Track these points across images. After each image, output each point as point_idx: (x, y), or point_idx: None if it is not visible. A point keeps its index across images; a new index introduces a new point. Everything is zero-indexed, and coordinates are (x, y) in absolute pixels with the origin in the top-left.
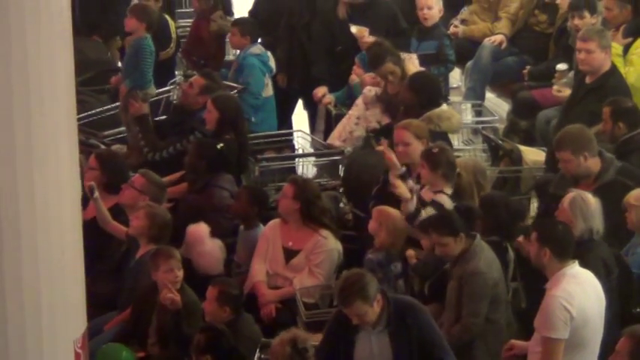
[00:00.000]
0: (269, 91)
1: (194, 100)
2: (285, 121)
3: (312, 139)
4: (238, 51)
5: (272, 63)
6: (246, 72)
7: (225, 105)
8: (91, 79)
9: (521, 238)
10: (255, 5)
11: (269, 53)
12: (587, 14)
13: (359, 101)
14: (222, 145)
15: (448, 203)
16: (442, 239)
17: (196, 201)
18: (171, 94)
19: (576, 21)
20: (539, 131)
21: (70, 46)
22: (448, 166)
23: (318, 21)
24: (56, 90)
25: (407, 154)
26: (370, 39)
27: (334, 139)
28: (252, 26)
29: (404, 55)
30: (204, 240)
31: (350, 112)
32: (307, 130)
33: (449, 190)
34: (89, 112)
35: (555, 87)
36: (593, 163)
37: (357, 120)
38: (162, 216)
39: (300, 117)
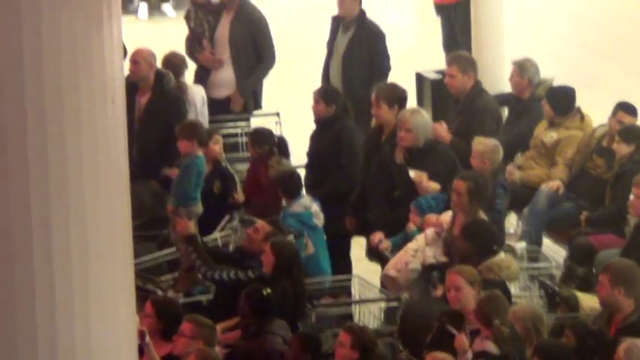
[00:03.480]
0: (310, 249)
1: (258, 246)
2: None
3: (369, 284)
4: None
5: (317, 219)
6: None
7: (283, 250)
8: (144, 225)
9: None
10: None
11: (313, 209)
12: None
13: (419, 236)
14: (268, 291)
15: (495, 351)
16: None
17: (249, 347)
18: (228, 239)
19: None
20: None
21: (127, 191)
22: (499, 314)
23: (375, 165)
24: (113, 235)
25: (458, 300)
26: (429, 184)
27: (389, 268)
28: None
29: None
30: None
31: (409, 244)
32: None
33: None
34: (146, 258)
35: None
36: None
37: (415, 252)
38: (213, 358)
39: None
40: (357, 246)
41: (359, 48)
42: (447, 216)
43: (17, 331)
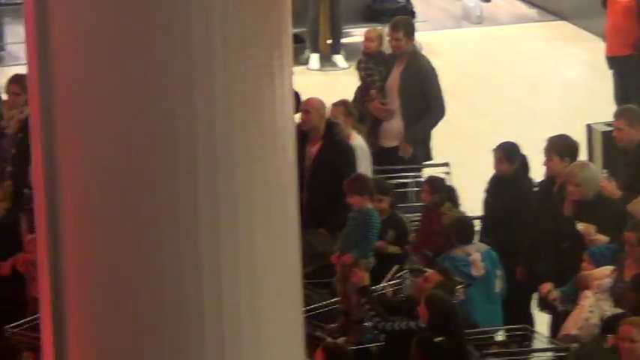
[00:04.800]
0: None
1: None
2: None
3: (539, 334)
4: None
5: (474, 268)
6: None
7: (436, 305)
8: (314, 272)
9: None
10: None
11: (472, 257)
12: None
13: (588, 293)
14: (440, 339)
15: None
16: None
17: None
18: (400, 286)
19: None
20: None
21: (297, 238)
22: None
23: (545, 217)
24: (283, 281)
25: (631, 351)
26: (597, 237)
27: (570, 328)
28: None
29: None
30: None
31: (581, 302)
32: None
33: None
34: (315, 305)
35: None
36: None
37: (591, 308)
38: None
39: None
40: None
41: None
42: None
43: None
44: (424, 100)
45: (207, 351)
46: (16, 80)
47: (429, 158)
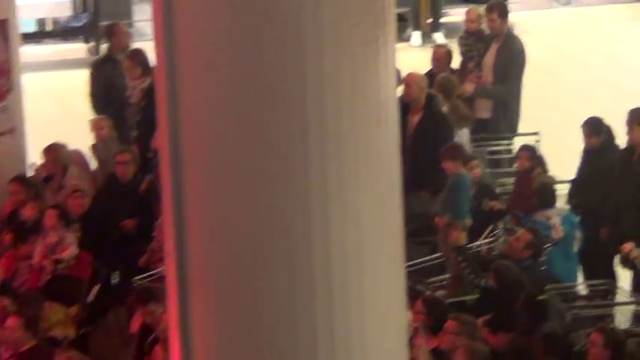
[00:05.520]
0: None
1: (520, 254)
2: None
3: (621, 289)
4: None
5: (554, 231)
6: None
7: (502, 274)
8: (414, 231)
9: None
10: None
11: (552, 221)
12: None
13: None
14: (544, 297)
15: None
16: None
17: (521, 343)
18: (492, 245)
19: None
20: None
21: (399, 200)
22: None
23: (626, 183)
24: (387, 238)
25: None
26: None
27: None
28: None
29: None
30: None
31: None
32: None
33: None
34: (416, 261)
35: None
36: None
37: None
38: (481, 352)
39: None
40: None
41: None
42: None
43: (299, 327)
44: (515, 77)
45: (317, 302)
46: (131, 55)
47: (515, 130)
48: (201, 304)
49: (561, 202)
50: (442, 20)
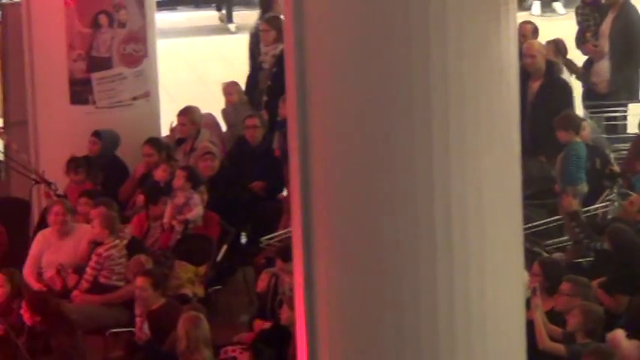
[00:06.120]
0: None
1: (633, 217)
2: None
3: None
4: None
5: None
6: None
7: (617, 236)
8: (533, 195)
9: None
10: None
11: None
12: None
13: None
14: None
15: None
16: None
17: None
18: (607, 209)
19: None
20: None
21: (518, 163)
22: None
23: None
24: (505, 201)
25: None
26: None
27: None
28: None
29: None
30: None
31: None
32: None
33: None
34: (534, 224)
35: None
36: None
37: None
38: (595, 312)
39: None
40: None
41: None
42: None
43: (420, 284)
44: (630, 46)
45: (438, 258)
46: (268, 20)
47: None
48: (326, 260)
49: None
50: None
